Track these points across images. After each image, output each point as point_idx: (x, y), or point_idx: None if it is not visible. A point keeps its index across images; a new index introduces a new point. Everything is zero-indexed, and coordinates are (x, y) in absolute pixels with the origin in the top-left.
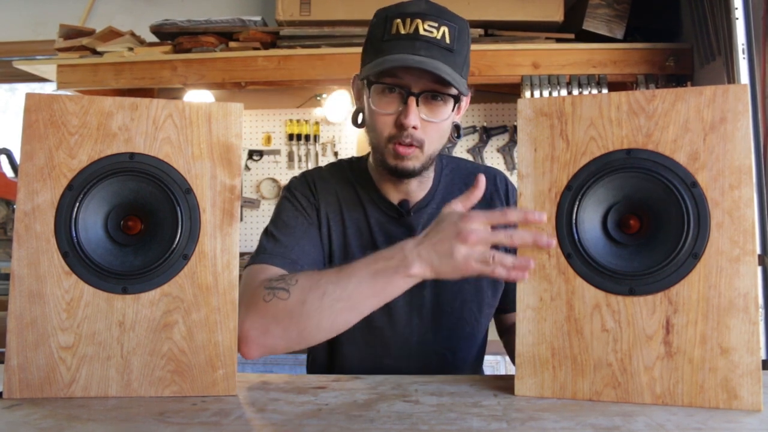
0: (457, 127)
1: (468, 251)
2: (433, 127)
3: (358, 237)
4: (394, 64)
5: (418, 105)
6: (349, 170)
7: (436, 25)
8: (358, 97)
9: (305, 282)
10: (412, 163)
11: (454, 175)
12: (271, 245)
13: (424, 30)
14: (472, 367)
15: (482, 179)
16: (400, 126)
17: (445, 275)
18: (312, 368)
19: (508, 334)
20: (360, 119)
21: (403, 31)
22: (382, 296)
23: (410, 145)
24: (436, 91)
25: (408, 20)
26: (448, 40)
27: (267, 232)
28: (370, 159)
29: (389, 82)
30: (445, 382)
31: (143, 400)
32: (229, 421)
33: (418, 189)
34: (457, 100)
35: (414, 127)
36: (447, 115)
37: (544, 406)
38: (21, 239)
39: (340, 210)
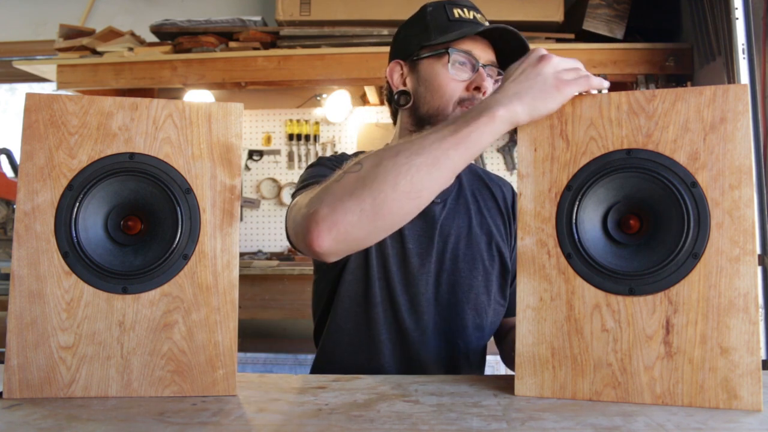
0: None
1: (556, 70)
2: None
3: None
4: (476, 30)
5: None
6: None
7: (484, 18)
8: (401, 81)
9: (376, 153)
10: None
11: (471, 174)
12: (313, 179)
13: (481, 18)
14: (477, 361)
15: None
16: (475, 89)
17: (540, 107)
18: (321, 367)
19: (503, 341)
20: (404, 100)
21: (465, 16)
22: (465, 144)
23: None
24: (495, 64)
25: (465, 9)
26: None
27: (303, 186)
28: None
29: (464, 50)
30: (445, 382)
31: (143, 400)
32: (229, 421)
33: None
34: None
35: (485, 93)
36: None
37: (544, 406)
38: (21, 239)
39: None
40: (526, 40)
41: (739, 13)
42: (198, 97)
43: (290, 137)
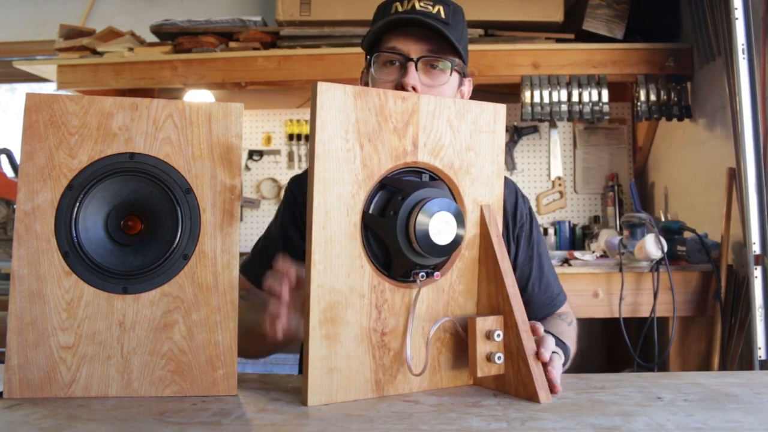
0: None
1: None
2: (433, 92)
3: None
4: (390, 23)
5: (417, 71)
6: None
7: (431, 3)
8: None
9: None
10: None
11: None
12: (250, 257)
13: (420, 6)
14: None
15: None
16: (401, 89)
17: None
18: (300, 363)
19: None
20: None
21: (400, 9)
22: None
23: None
24: (432, 55)
25: (405, 1)
26: (443, 15)
27: (258, 246)
28: None
29: (388, 48)
30: None
31: (143, 400)
32: (229, 421)
33: None
34: (456, 69)
35: (414, 88)
36: (446, 80)
37: (544, 407)
38: (21, 239)
39: None
40: (439, 25)
41: (739, 13)
42: (198, 97)
43: (290, 137)
